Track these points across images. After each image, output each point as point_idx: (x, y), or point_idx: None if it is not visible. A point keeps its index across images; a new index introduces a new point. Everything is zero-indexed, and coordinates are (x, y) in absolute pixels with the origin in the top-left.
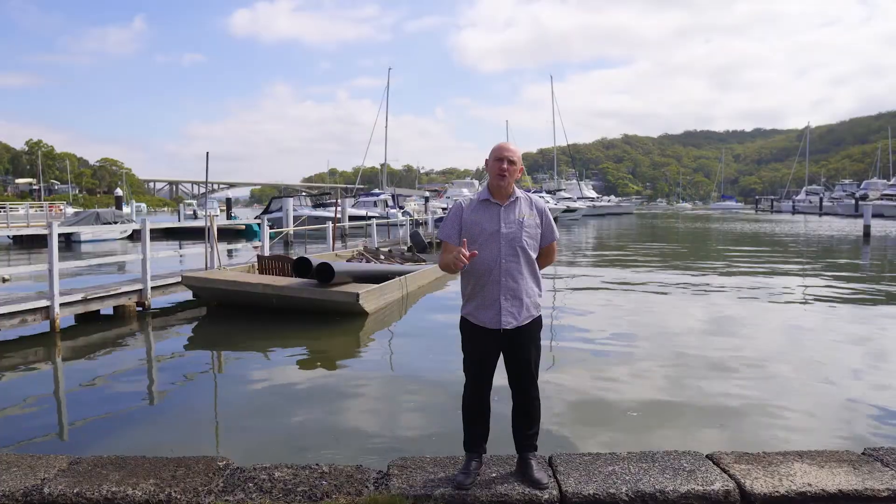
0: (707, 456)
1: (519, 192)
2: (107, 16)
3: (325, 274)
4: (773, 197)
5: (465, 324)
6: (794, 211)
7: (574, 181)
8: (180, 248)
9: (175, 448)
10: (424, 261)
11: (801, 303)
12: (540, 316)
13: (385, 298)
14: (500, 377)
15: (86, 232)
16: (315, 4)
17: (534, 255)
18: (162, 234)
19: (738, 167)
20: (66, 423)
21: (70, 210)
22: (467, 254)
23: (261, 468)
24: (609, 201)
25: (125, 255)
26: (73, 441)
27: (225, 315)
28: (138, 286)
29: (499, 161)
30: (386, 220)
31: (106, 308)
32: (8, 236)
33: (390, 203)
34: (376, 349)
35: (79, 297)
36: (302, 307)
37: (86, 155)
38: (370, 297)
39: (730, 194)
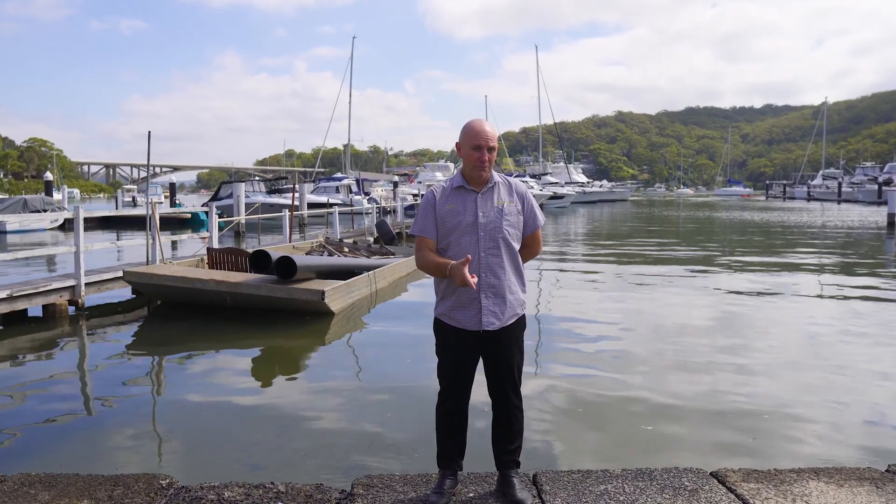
0: (711, 473)
1: (497, 177)
2: None
3: (285, 269)
4: (785, 182)
5: (439, 325)
6: (810, 197)
7: (562, 164)
8: (118, 240)
9: (112, 465)
10: (393, 253)
11: (818, 301)
12: (524, 315)
13: (352, 296)
14: (479, 386)
15: (12, 221)
16: None
17: (516, 247)
18: (97, 224)
19: (746, 148)
20: None
21: None
22: (474, 282)
23: (209, 487)
24: (601, 187)
25: (56, 246)
26: None
27: (170, 315)
28: (71, 282)
29: (477, 151)
30: (349, 208)
31: (34, 307)
32: None
33: (354, 188)
34: (342, 353)
35: (3, 294)
36: (260, 306)
37: (11, 135)
38: (336, 295)
39: (737, 179)
